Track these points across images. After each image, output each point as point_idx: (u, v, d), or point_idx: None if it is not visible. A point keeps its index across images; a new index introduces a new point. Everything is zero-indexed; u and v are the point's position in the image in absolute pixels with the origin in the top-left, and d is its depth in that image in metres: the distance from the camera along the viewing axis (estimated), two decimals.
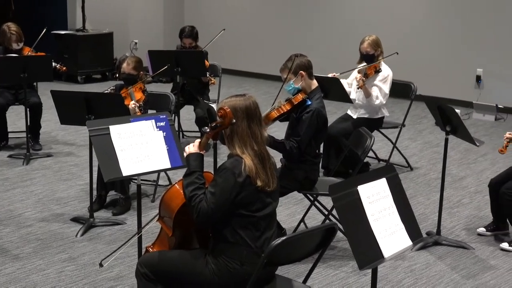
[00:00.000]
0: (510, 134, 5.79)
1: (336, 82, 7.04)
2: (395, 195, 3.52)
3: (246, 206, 3.71)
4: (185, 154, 3.91)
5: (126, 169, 4.36)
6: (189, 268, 3.80)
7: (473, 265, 5.48)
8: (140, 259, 4.01)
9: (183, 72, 8.03)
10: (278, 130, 6.97)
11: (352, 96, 7.28)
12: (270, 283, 3.86)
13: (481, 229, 6.10)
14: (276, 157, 4.36)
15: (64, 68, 8.34)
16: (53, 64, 8.00)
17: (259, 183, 3.71)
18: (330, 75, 7.19)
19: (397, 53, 7.48)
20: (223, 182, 3.67)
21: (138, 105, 6.30)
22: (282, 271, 4.76)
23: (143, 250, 4.32)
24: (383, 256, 3.34)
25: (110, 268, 5.21)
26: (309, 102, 5.41)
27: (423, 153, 8.57)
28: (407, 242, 3.50)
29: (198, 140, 3.91)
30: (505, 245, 5.79)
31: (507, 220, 5.98)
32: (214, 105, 5.97)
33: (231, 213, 3.71)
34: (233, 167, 3.69)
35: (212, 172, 4.00)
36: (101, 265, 4.56)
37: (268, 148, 3.98)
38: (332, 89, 7.01)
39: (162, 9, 13.94)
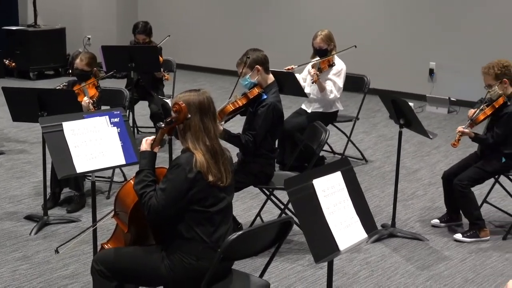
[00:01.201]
0: (461, 128, 5.87)
1: (290, 76, 7.06)
2: (350, 188, 3.55)
3: (199, 202, 3.70)
4: (140, 150, 3.89)
5: (80, 166, 4.33)
6: (145, 264, 3.78)
7: (427, 256, 5.55)
8: (96, 256, 3.98)
9: (137, 68, 7.97)
10: (234, 125, 6.96)
11: (306, 91, 7.30)
12: (226, 278, 3.85)
13: (435, 221, 6.17)
14: (233, 151, 4.36)
15: (14, 64, 8.22)
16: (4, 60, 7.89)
17: (210, 178, 3.70)
18: (288, 67, 7.20)
19: (355, 46, 7.52)
20: (174, 178, 3.66)
21: (91, 101, 6.25)
22: (238, 265, 4.76)
23: (99, 247, 4.29)
24: (338, 249, 3.36)
25: (65, 266, 5.17)
26: (265, 96, 5.43)
27: (377, 146, 8.64)
28: (362, 234, 3.52)
29: (151, 137, 3.89)
30: (458, 236, 5.87)
31: (460, 211, 6.06)
32: (168, 101, 5.94)
33: (185, 209, 3.69)
34: (184, 163, 3.67)
35: (167, 168, 3.98)
36: (56, 251, 4.48)
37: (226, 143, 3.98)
38: (287, 83, 7.02)
39: (115, 4, 13.81)
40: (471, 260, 5.50)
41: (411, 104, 6.03)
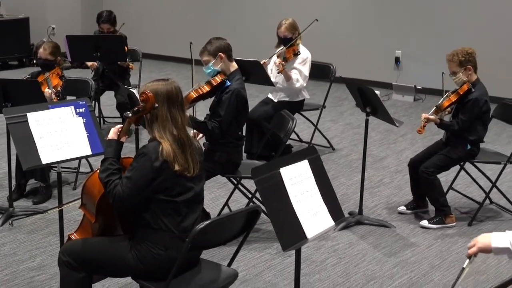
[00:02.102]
0: (427, 115, 5.92)
1: (257, 65, 7.05)
2: (317, 176, 3.56)
3: (165, 191, 3.69)
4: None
5: (46, 157, 4.29)
6: (112, 254, 3.76)
7: (394, 243, 5.59)
8: (62, 247, 3.95)
9: (102, 58, 7.90)
10: (201, 115, 6.93)
11: (272, 80, 7.30)
12: (194, 268, 3.85)
13: (402, 208, 6.22)
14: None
15: None
16: None
17: (177, 167, 3.68)
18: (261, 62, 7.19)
19: (317, 20, 7.51)
20: (139, 167, 3.65)
21: (54, 91, 6.19)
22: (207, 255, 4.75)
23: (65, 238, 4.26)
24: (306, 237, 3.37)
25: (31, 257, 5.12)
26: (229, 83, 5.43)
27: (344, 135, 8.68)
28: (329, 222, 3.54)
29: (117, 126, 3.87)
30: (424, 222, 5.92)
31: (426, 198, 6.12)
32: (135, 90, 5.91)
33: (151, 198, 3.68)
34: (150, 152, 3.65)
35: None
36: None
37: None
38: (253, 72, 7.02)
39: None
40: (437, 246, 5.56)
41: (377, 92, 6.06)
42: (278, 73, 7.21)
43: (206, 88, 5.45)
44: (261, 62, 7.16)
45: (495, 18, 10.26)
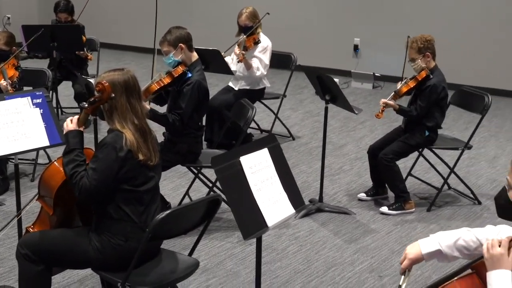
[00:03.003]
0: (385, 100, 5.96)
1: (216, 54, 7.03)
2: (277, 164, 3.56)
3: (128, 181, 3.67)
4: (64, 131, 3.82)
5: (2, 149, 4.23)
6: (71, 246, 3.73)
7: (354, 230, 5.63)
8: (21, 240, 3.90)
9: (59, 47, 7.80)
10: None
11: (233, 68, 7.28)
12: (155, 258, 3.84)
13: (362, 195, 6.26)
14: (159, 131, 4.33)
15: None
16: None
17: (141, 157, 3.66)
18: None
19: (268, 14, 7.49)
20: (104, 158, 3.61)
21: (10, 82, 6.10)
22: (167, 245, 4.74)
23: (23, 231, 4.21)
24: (267, 225, 3.38)
25: None
26: (190, 75, 5.40)
27: (304, 123, 8.70)
28: (290, 210, 3.55)
29: (76, 116, 3.82)
30: (384, 209, 5.97)
31: (386, 185, 6.17)
32: (92, 80, 5.86)
33: (115, 188, 3.65)
34: (114, 142, 3.63)
35: (93, 148, 3.92)
36: None
37: (150, 122, 3.94)
38: (213, 61, 7.00)
39: None
40: (396, 232, 5.61)
41: (336, 80, 6.08)
42: (238, 62, 7.19)
43: (167, 80, 5.41)
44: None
45: (453, 5, 10.36)
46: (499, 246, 2.70)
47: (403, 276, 3.08)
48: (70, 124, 3.79)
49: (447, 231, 3.10)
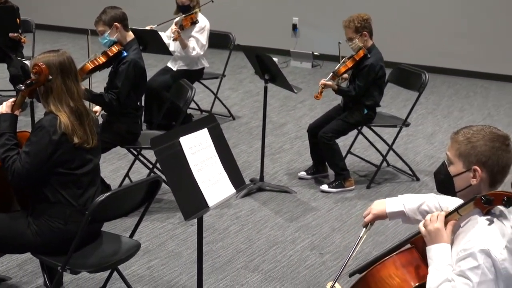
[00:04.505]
0: (324, 80, 6.00)
1: (154, 34, 6.96)
2: (217, 144, 3.56)
3: (64, 164, 3.62)
4: None
5: None
6: (10, 231, 3.67)
7: (295, 208, 5.67)
8: None
9: None
10: (100, 86, 6.80)
11: (171, 48, 7.23)
12: (96, 241, 3.81)
13: (302, 173, 6.31)
14: None
15: None
16: None
17: (76, 140, 3.62)
18: (147, 28, 7.10)
19: (212, 1, 7.48)
20: (38, 141, 3.56)
21: None
22: (108, 227, 4.70)
23: None
24: (207, 205, 3.38)
25: None
26: (125, 54, 5.35)
27: (244, 102, 8.70)
28: (230, 190, 3.55)
29: (10, 100, 3.75)
30: (324, 187, 6.02)
31: (326, 163, 6.22)
32: (28, 62, 5.74)
33: (50, 172, 3.60)
34: (48, 125, 3.57)
35: (30, 131, 3.86)
36: None
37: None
38: (151, 41, 6.93)
39: None
40: (337, 210, 5.67)
41: (275, 59, 6.08)
42: (173, 40, 7.14)
43: (102, 59, 5.35)
44: (148, 27, 7.08)
45: None
46: (436, 221, 2.75)
47: (364, 229, 3.13)
48: (4, 107, 3.72)
49: (414, 194, 3.17)
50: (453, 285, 2.60)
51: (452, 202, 3.05)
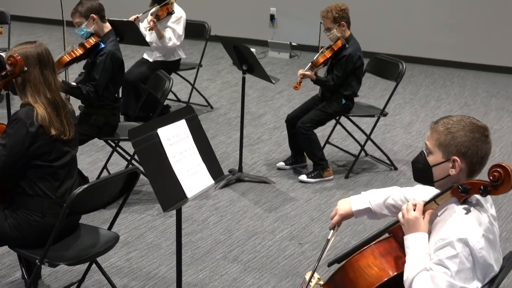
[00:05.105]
0: (302, 71, 6.00)
1: (131, 25, 6.92)
2: (195, 135, 3.55)
3: (41, 156, 3.60)
4: None
5: None
6: None
7: (274, 198, 5.68)
8: None
9: None
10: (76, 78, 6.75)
11: (147, 39, 7.19)
12: (74, 233, 3.79)
13: (281, 163, 6.31)
14: (75, 104, 4.24)
15: None
16: None
17: (53, 132, 3.59)
18: (132, 17, 7.06)
19: None
20: (14, 133, 3.53)
21: None
22: (86, 219, 4.69)
23: None
24: (186, 197, 3.37)
25: None
26: (103, 45, 5.32)
27: (222, 93, 8.68)
28: (209, 181, 3.55)
29: None
30: (303, 177, 6.03)
31: (304, 153, 6.23)
32: (3, 54, 5.69)
33: (27, 164, 3.58)
34: (24, 117, 3.54)
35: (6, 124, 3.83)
36: None
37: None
38: (128, 32, 6.89)
39: None
40: (316, 200, 5.68)
41: (253, 50, 6.07)
42: (149, 30, 7.10)
43: (80, 51, 5.33)
44: (133, 17, 7.04)
45: None
46: (414, 210, 2.77)
47: (332, 231, 3.13)
48: None
49: (378, 190, 3.17)
50: (431, 274, 2.61)
51: (416, 193, 3.07)
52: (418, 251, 2.69)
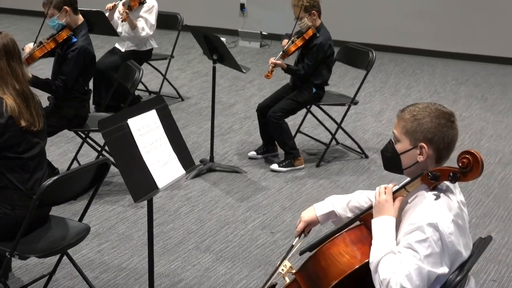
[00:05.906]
0: (274, 59, 6.00)
1: (100, 15, 6.86)
2: (166, 126, 3.54)
3: (11, 148, 3.57)
4: None
5: None
6: None
7: (246, 188, 5.68)
8: None
9: None
10: (44, 68, 6.71)
11: (118, 30, 7.14)
12: (44, 225, 3.76)
13: (252, 153, 6.31)
14: (43, 95, 4.21)
15: None
16: None
17: (23, 123, 3.56)
18: (110, 5, 7.01)
19: None
20: None
21: None
22: (57, 211, 4.66)
23: None
24: (157, 187, 3.36)
25: None
26: (75, 39, 5.27)
27: (193, 83, 8.66)
28: (180, 171, 3.54)
29: None
30: (274, 166, 6.04)
31: (276, 142, 6.23)
32: None
33: None
34: None
35: None
36: None
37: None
38: (97, 22, 6.83)
39: None
40: (287, 189, 5.69)
41: (223, 39, 6.06)
42: (121, 21, 7.06)
43: (51, 45, 5.28)
44: (110, 5, 7.00)
45: None
46: (384, 194, 2.79)
47: (297, 238, 3.15)
48: None
49: (340, 195, 3.20)
50: (399, 257, 2.63)
51: None
52: (384, 234, 2.71)
